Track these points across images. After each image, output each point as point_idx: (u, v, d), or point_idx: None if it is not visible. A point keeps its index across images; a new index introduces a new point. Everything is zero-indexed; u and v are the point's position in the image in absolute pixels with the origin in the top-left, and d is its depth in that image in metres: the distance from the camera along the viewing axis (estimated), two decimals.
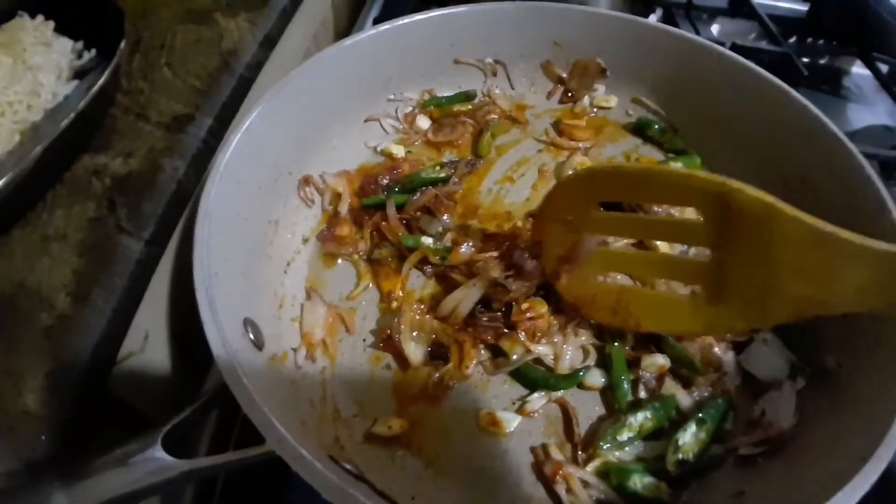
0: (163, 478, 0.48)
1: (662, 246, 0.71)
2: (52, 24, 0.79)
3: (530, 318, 0.64)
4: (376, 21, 1.08)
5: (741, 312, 0.54)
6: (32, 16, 0.79)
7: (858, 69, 1.18)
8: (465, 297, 0.66)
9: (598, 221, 0.61)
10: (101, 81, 0.68)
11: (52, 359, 0.57)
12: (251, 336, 0.58)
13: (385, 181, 0.79)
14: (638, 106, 0.89)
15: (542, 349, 0.64)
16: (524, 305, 0.64)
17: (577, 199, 0.60)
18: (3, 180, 0.59)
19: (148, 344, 0.62)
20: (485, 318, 0.66)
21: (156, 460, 0.48)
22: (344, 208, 0.77)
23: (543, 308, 0.65)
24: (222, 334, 0.51)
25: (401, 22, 0.81)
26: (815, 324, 0.64)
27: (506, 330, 0.65)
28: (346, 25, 1.16)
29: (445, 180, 0.80)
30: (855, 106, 1.13)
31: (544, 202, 0.63)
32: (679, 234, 0.61)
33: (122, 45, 0.72)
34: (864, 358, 0.58)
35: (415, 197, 0.76)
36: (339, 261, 0.74)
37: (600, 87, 0.90)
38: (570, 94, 0.91)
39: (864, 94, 1.15)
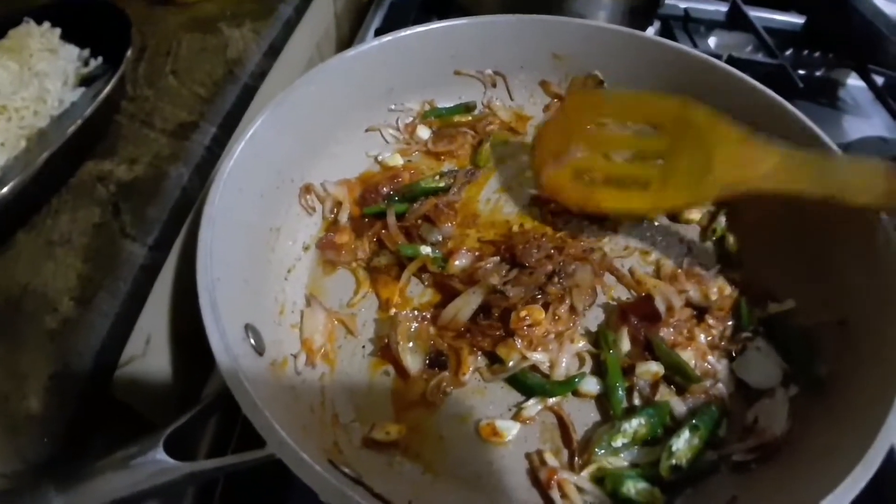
0: (164, 480, 0.49)
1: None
2: (58, 30, 0.79)
3: (528, 325, 0.65)
4: (378, 32, 1.09)
5: (683, 191, 0.69)
6: (39, 22, 0.79)
7: (854, 81, 1.19)
8: (465, 305, 0.67)
9: (586, 134, 0.77)
10: (107, 89, 0.68)
11: (56, 362, 0.57)
12: (252, 341, 0.59)
13: (385, 190, 0.80)
14: None
15: (538, 356, 0.65)
16: (522, 313, 0.65)
17: (578, 114, 0.77)
18: (9, 186, 0.60)
19: (149, 348, 0.63)
20: (484, 325, 0.67)
21: (157, 462, 0.49)
22: (344, 216, 0.78)
23: (541, 315, 0.66)
24: (224, 339, 0.52)
25: (403, 33, 0.82)
26: (808, 333, 0.66)
27: (503, 336, 0.66)
28: (349, 36, 1.17)
29: (445, 190, 0.81)
30: (850, 118, 1.14)
31: (552, 114, 0.84)
32: (643, 144, 0.75)
33: (129, 53, 0.73)
34: (854, 367, 0.59)
35: (415, 206, 0.77)
36: (339, 269, 0.75)
37: None
38: None
39: (859, 105, 1.16)
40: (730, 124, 0.67)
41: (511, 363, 0.64)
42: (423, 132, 0.89)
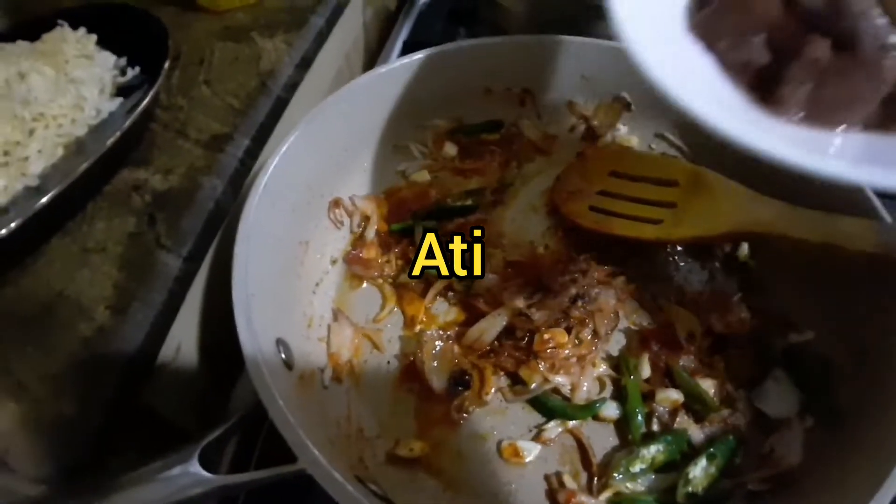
0: (197, 492, 0.50)
1: None
2: (94, 37, 0.78)
3: (551, 348, 0.66)
4: (406, 43, 1.10)
5: (692, 227, 0.74)
6: (74, 28, 0.78)
7: None
8: (490, 327, 0.68)
9: (606, 180, 0.82)
10: (145, 101, 0.69)
11: (89, 369, 0.58)
12: (283, 356, 0.60)
13: (413, 207, 0.81)
14: (661, 141, 0.91)
15: (560, 379, 0.66)
16: (546, 336, 0.66)
17: (599, 163, 0.85)
18: (49, 195, 0.60)
19: (180, 356, 0.65)
20: (508, 346, 0.68)
21: (192, 475, 0.50)
22: (371, 232, 0.79)
23: (564, 338, 0.67)
24: (260, 356, 0.53)
25: (434, 51, 0.83)
26: (826, 364, 0.66)
27: (527, 358, 0.67)
28: (376, 45, 1.17)
29: (473, 209, 0.81)
30: None
31: (580, 156, 0.88)
32: (657, 193, 0.79)
33: (167, 65, 0.74)
34: (872, 401, 0.60)
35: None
36: (366, 283, 0.76)
37: (623, 128, 0.92)
38: (592, 131, 0.92)
39: None
40: (740, 185, 0.73)
41: (533, 385, 0.66)
42: (451, 149, 0.89)
